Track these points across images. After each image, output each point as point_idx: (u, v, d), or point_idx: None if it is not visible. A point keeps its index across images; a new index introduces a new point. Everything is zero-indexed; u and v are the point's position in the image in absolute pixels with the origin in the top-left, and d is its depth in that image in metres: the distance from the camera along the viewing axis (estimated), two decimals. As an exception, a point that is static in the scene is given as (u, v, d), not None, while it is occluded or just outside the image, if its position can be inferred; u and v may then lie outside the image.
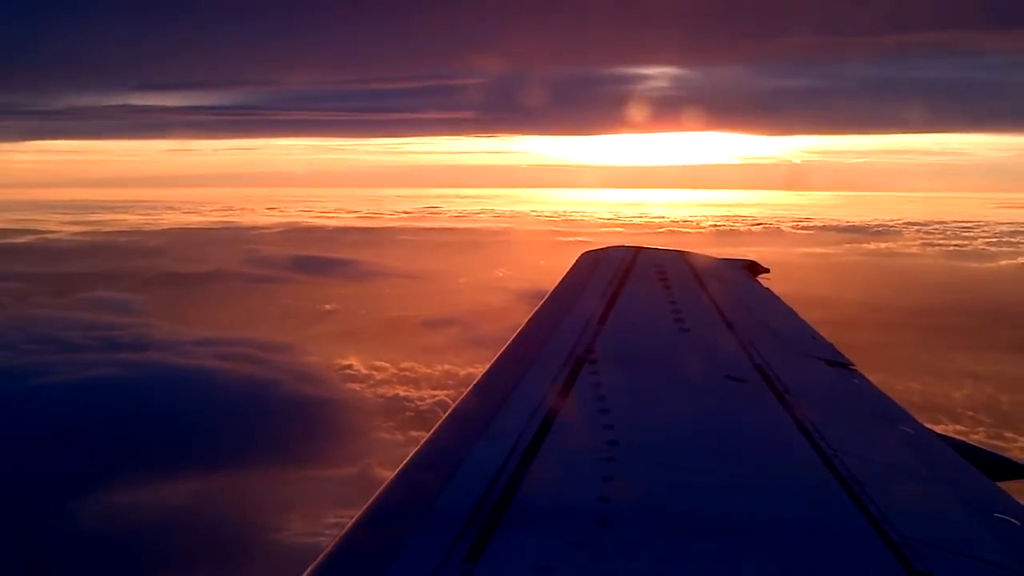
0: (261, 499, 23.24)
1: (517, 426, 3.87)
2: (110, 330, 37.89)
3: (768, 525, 3.26)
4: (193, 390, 28.55)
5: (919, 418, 5.20)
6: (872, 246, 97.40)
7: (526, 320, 6.28)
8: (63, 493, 21.40)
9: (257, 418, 26.91)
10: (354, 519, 3.05)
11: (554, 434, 3.83)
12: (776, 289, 9.08)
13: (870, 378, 5.95)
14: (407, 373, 34.90)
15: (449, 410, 4.30)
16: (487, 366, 5.06)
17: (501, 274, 67.03)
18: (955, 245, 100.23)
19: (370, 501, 3.20)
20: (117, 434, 24.92)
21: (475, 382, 4.76)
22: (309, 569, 2.66)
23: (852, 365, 6.17)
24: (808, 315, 7.86)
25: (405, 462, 3.57)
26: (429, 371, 34.76)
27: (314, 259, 72.12)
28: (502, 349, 5.43)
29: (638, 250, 10.33)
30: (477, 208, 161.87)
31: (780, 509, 3.43)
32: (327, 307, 52.69)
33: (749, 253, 12.06)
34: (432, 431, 3.95)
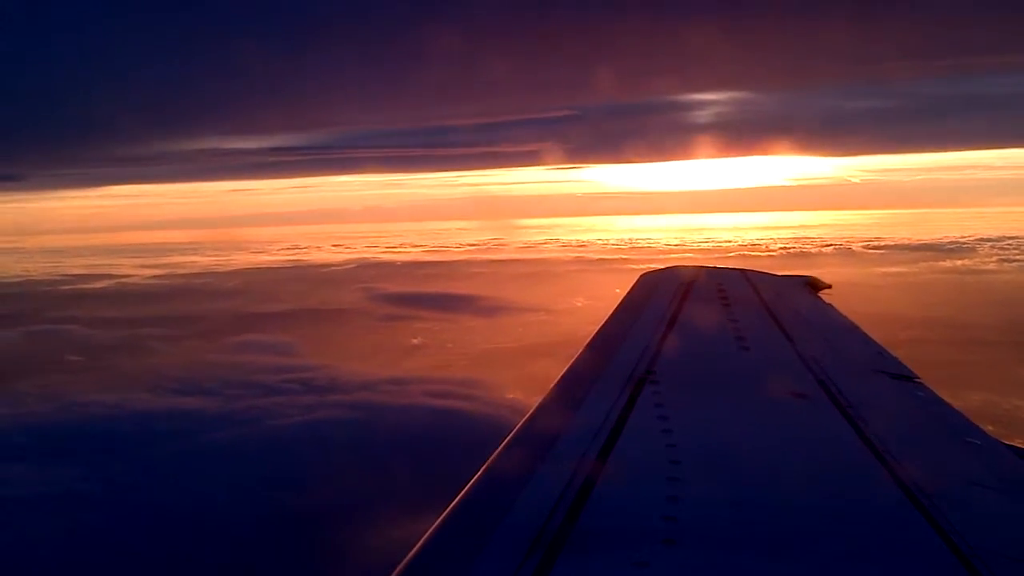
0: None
1: (579, 447, 3.89)
2: (295, 372, 37.69)
3: (835, 541, 3.20)
4: (434, 428, 28.53)
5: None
6: (948, 264, 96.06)
7: (586, 342, 6.29)
8: (334, 531, 21.45)
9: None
10: (417, 545, 3.02)
11: (616, 455, 3.83)
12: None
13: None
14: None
15: (511, 432, 4.27)
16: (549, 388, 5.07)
17: (580, 304, 66.90)
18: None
19: (433, 526, 3.18)
20: (379, 472, 24.95)
21: (537, 405, 4.76)
22: None
23: (917, 378, 6.05)
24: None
25: (467, 486, 3.54)
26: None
27: (404, 294, 72.35)
28: (563, 371, 5.42)
29: (696, 269, 10.38)
30: (542, 238, 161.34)
31: (845, 524, 3.37)
32: (422, 339, 52.51)
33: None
34: (494, 454, 3.92)
